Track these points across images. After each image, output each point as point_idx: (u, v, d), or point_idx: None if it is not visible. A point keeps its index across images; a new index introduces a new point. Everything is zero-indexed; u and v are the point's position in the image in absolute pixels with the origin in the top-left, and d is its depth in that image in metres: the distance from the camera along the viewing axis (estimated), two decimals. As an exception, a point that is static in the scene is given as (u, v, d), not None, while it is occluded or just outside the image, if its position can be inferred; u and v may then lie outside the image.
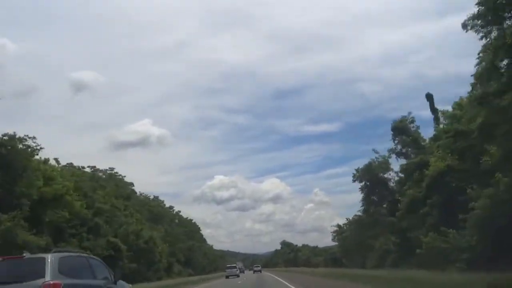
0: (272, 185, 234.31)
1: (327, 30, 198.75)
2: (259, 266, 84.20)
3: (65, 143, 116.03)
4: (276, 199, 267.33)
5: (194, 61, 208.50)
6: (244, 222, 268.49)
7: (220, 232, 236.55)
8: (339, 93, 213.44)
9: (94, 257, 9.71)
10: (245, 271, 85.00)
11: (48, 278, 6.80)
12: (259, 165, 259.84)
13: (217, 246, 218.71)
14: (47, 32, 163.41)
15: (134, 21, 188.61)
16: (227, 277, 53.30)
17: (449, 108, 29.94)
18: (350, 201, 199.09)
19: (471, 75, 18.67)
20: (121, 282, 9.73)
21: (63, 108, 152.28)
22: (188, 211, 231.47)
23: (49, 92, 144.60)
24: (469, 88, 22.13)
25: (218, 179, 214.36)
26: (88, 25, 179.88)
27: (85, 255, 9.29)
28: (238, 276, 54.57)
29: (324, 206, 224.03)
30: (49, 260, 7.09)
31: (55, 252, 7.81)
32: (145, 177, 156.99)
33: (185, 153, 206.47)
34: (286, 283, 29.23)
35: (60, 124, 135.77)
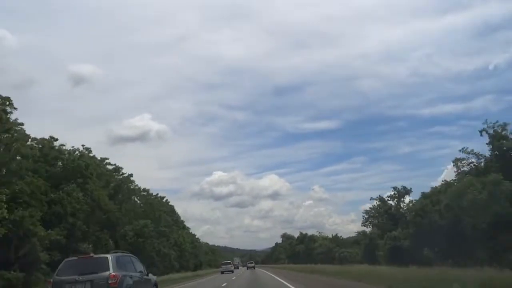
0: (271, 181, 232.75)
1: (327, 26, 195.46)
2: (252, 263, 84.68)
3: (63, 136, 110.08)
4: (275, 195, 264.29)
5: (194, 56, 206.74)
6: (242, 218, 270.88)
7: (218, 228, 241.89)
8: (338, 90, 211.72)
9: (134, 256, 13.23)
10: (240, 267, 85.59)
11: (111, 271, 10.43)
12: (258, 162, 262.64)
13: (215, 242, 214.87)
14: (46, 25, 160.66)
15: (134, 15, 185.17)
16: (222, 272, 55.59)
17: None
18: (348, 198, 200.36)
19: None
20: (150, 274, 13.90)
21: (61, 101, 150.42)
22: (184, 205, 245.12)
23: (47, 85, 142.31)
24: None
25: (217, 175, 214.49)
26: (88, 19, 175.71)
27: (129, 254, 13.07)
28: (232, 271, 56.38)
29: (323, 203, 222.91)
30: (110, 259, 10.81)
31: (112, 253, 11.84)
32: (144, 172, 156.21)
33: (184, 149, 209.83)
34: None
35: (59, 117, 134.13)
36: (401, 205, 55.81)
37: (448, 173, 42.45)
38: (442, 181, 39.86)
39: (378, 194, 78.98)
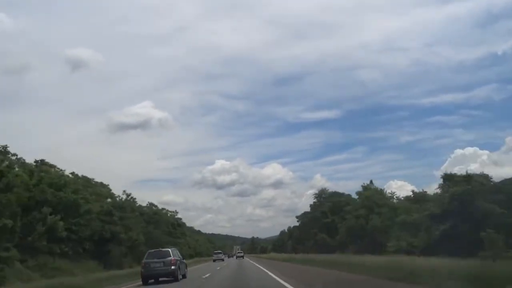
0: (273, 170, 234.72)
1: (327, 16, 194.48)
2: (241, 252, 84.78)
3: (62, 124, 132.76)
4: (277, 184, 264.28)
5: (194, 46, 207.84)
6: (244, 207, 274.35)
7: (220, 217, 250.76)
8: (338, 80, 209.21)
9: (176, 248, 25.38)
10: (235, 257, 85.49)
11: (172, 257, 20.55)
12: (259, 152, 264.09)
13: (217, 230, 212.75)
14: (45, 12, 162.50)
15: (133, 4, 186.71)
16: (214, 260, 62.60)
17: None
18: (350, 187, 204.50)
19: None
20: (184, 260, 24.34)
21: (59, 89, 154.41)
22: (186, 194, 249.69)
23: (45, 72, 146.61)
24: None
25: (219, 163, 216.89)
26: (87, 8, 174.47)
27: (175, 248, 24.87)
28: (223, 260, 63.34)
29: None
30: (170, 250, 21.69)
31: (171, 247, 23.70)
32: (145, 161, 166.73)
33: (185, 139, 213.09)
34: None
35: (57, 105, 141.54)
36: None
37: (451, 162, 37.30)
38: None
39: (379, 183, 73.45)
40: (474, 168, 78.06)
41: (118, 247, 38.48)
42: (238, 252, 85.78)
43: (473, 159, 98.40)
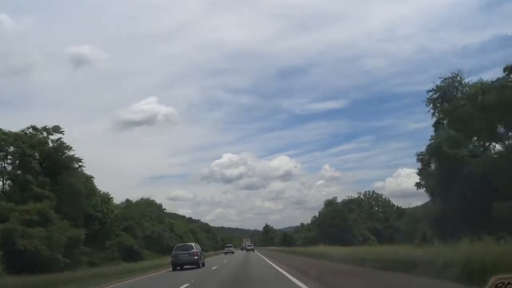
0: (281, 162, 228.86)
1: (330, 6, 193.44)
2: (251, 245, 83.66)
3: (67, 123, 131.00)
4: (285, 176, 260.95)
5: (198, 41, 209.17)
6: (254, 200, 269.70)
7: (230, 211, 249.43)
8: (344, 70, 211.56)
9: (197, 243, 35.06)
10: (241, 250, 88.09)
11: (195, 249, 28.38)
12: (266, 145, 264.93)
13: (227, 224, 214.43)
14: (49, 11, 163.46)
15: (137, 2, 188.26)
16: (225, 253, 69.29)
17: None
18: (360, 176, 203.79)
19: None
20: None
21: (65, 88, 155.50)
22: (195, 189, 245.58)
23: (49, 72, 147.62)
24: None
25: (227, 157, 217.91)
26: (91, 6, 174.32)
27: (196, 243, 33.83)
28: (233, 253, 68.63)
29: (334, 182, 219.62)
30: (193, 244, 30.91)
31: (194, 242, 35.57)
32: (152, 158, 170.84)
33: (192, 135, 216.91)
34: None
35: (61, 105, 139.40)
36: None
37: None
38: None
39: (388, 172, 71.21)
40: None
41: None
42: (248, 245, 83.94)
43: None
